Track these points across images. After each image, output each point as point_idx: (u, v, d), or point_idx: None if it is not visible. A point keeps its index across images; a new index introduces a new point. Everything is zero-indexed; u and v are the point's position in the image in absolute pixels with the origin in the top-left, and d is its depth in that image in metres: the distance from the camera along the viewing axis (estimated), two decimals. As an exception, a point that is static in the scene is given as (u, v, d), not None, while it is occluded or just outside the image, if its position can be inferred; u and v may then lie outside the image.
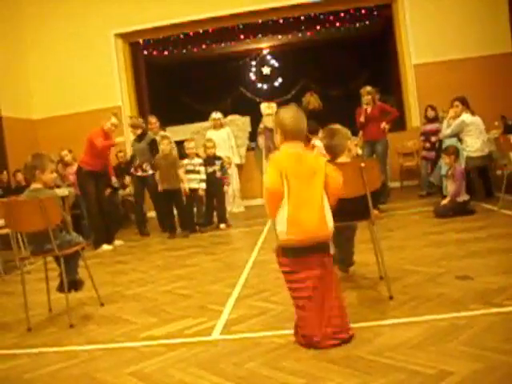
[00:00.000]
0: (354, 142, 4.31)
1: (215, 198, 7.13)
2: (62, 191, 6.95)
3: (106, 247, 6.42)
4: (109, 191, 7.19)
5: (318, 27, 11.81)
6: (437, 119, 7.79)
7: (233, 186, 8.54)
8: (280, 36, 12.59)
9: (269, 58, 14.24)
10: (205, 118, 9.00)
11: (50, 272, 3.83)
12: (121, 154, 8.74)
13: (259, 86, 14.43)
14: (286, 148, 2.62)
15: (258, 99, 12.77)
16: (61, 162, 8.05)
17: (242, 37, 11.91)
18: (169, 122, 9.91)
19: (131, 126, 7.31)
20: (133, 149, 7.41)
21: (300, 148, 2.63)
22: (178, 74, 13.18)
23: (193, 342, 2.76)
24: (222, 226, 7.06)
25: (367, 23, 11.62)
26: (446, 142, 6.62)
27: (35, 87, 9.93)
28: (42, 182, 3.59)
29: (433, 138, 7.69)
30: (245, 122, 9.43)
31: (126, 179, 8.35)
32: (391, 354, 2.24)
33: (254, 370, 2.29)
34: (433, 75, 8.89)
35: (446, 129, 6.66)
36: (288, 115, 2.62)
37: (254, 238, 5.81)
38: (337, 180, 2.60)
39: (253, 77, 14.44)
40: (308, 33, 12.20)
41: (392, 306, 2.93)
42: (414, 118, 9.32)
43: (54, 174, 3.84)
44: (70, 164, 7.88)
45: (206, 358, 2.50)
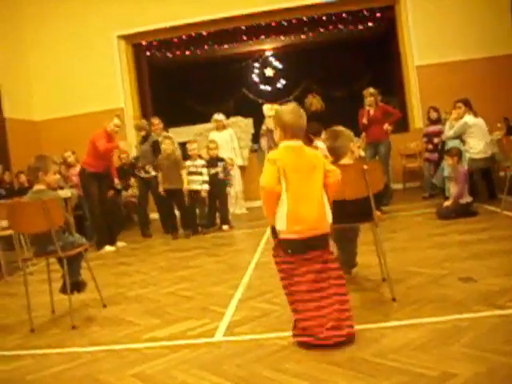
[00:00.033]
0: (357, 143, 4.31)
1: (218, 200, 7.13)
2: (65, 192, 6.98)
3: (108, 248, 6.43)
4: (111, 193, 7.20)
5: (320, 29, 11.81)
6: (439, 121, 7.78)
7: (235, 187, 8.53)
8: (283, 37, 12.59)
9: (271, 59, 14.25)
10: (207, 120, 8.99)
11: (53, 273, 3.84)
12: (124, 156, 8.76)
13: (262, 87, 14.44)
14: (285, 144, 2.62)
15: (260, 101, 12.79)
16: (64, 163, 8.08)
17: (245, 38, 11.93)
18: (171, 123, 9.91)
19: (135, 127, 7.33)
20: (136, 150, 7.44)
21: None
22: (180, 76, 13.19)
23: (195, 344, 2.76)
24: (225, 227, 7.07)
25: (370, 25, 11.63)
26: (449, 144, 6.61)
27: (36, 88, 9.95)
28: (45, 183, 3.60)
29: (435, 140, 7.67)
30: (247, 123, 9.44)
31: (130, 180, 8.37)
32: (394, 356, 2.24)
33: (256, 371, 2.29)
34: (435, 77, 8.89)
35: (449, 130, 6.66)
36: (288, 112, 2.62)
37: (256, 240, 5.81)
38: (336, 175, 2.60)
39: (255, 78, 14.45)
40: (311, 34, 12.20)
41: (395, 307, 2.93)
42: (417, 119, 9.32)
43: (57, 176, 3.86)
44: (73, 165, 7.90)
45: (209, 360, 2.50)
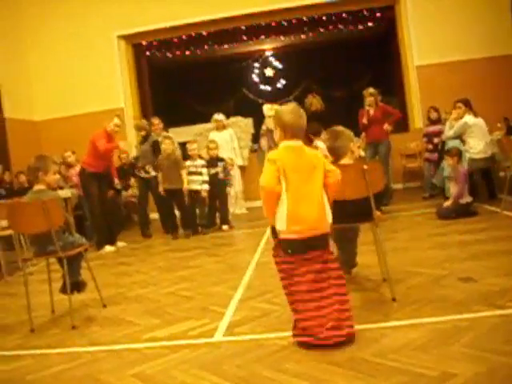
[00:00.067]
0: (357, 143, 4.30)
1: (218, 200, 7.13)
2: (65, 192, 6.98)
3: (108, 248, 6.42)
4: (111, 193, 7.20)
5: (320, 29, 11.80)
6: (439, 121, 7.78)
7: (235, 187, 8.53)
8: (283, 37, 12.57)
9: (271, 59, 14.24)
10: (207, 120, 8.99)
11: (53, 273, 3.84)
12: (124, 156, 8.76)
13: (262, 87, 14.42)
14: (285, 144, 2.61)
15: (260, 101, 12.77)
16: (64, 163, 8.07)
17: (245, 38, 11.90)
18: (171, 123, 9.91)
19: (135, 127, 7.34)
20: (136, 150, 7.44)
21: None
22: (180, 76, 13.17)
23: (195, 344, 2.76)
24: (225, 227, 7.07)
25: (370, 25, 11.61)
26: (449, 144, 6.61)
27: (36, 88, 9.95)
28: (45, 183, 3.60)
29: (435, 140, 7.67)
30: (247, 123, 9.43)
31: (130, 180, 8.37)
32: (394, 357, 2.24)
33: (256, 371, 2.29)
34: (435, 77, 8.89)
35: (449, 130, 6.66)
36: (288, 112, 2.61)
37: (256, 240, 5.81)
38: (336, 175, 2.60)
39: (255, 78, 14.44)
40: (311, 34, 12.20)
41: (395, 307, 2.93)
42: (417, 119, 9.32)
43: (57, 176, 3.85)
44: (73, 165, 7.90)
45: (209, 360, 2.50)
